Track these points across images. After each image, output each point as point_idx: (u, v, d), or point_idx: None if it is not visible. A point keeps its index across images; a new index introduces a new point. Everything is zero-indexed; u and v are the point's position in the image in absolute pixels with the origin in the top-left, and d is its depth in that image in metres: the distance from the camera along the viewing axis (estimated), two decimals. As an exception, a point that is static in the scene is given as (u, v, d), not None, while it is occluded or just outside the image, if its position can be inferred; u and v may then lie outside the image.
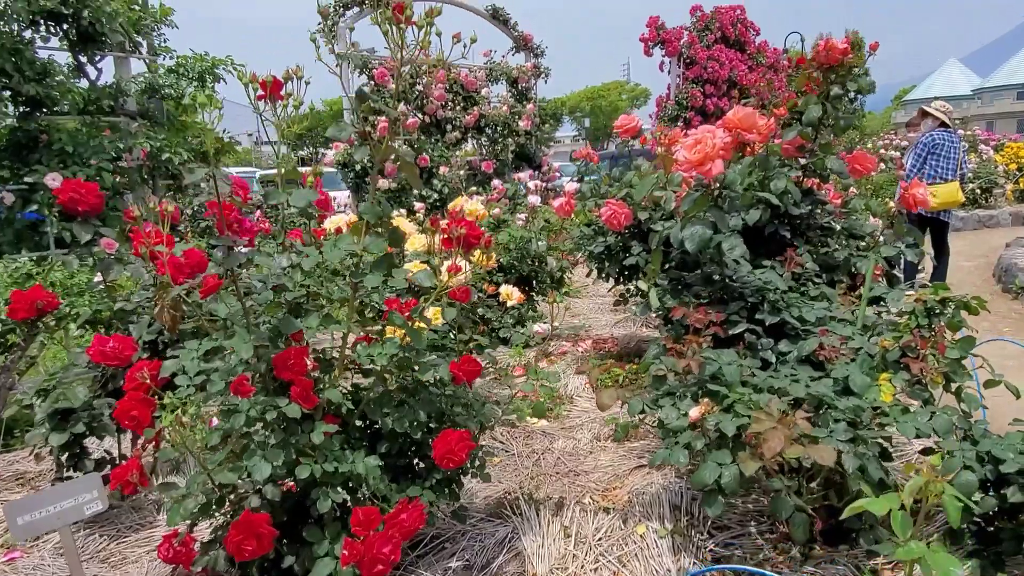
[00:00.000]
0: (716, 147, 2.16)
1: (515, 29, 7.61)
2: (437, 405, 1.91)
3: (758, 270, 2.60)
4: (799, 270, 3.20)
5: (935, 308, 2.12)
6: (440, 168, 6.23)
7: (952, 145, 5.96)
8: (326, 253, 1.70)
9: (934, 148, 5.94)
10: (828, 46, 3.06)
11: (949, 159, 5.92)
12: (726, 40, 9.62)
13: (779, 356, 2.30)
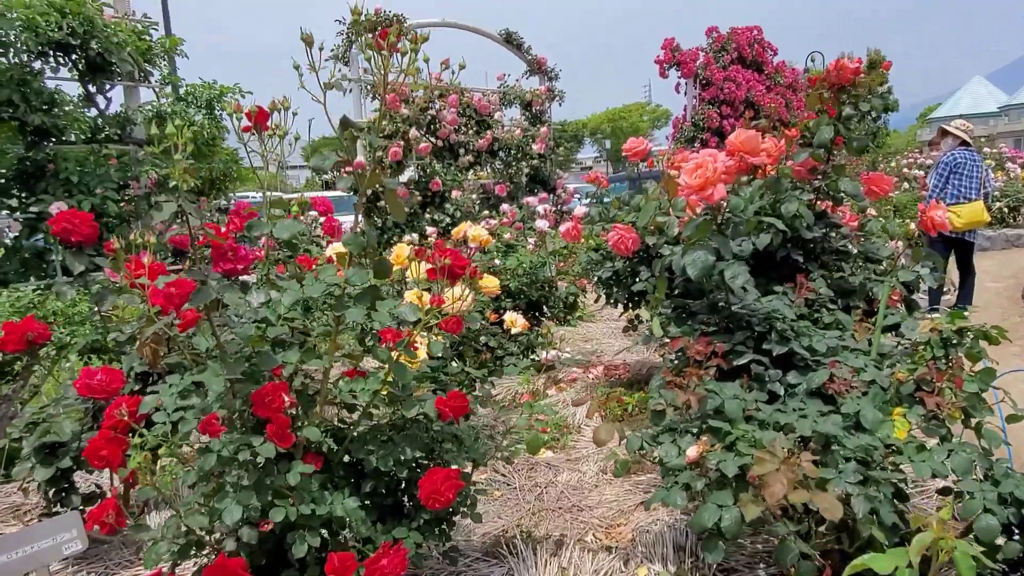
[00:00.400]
0: (718, 171, 2.09)
1: (529, 53, 7.61)
2: (425, 441, 1.83)
3: (766, 297, 2.50)
4: (812, 296, 3.10)
5: (952, 338, 2.01)
6: (452, 192, 6.20)
7: (974, 164, 5.85)
8: (307, 287, 1.64)
9: (956, 167, 5.84)
10: (839, 66, 2.98)
11: (972, 178, 5.81)
12: (743, 61, 9.55)
13: (788, 388, 2.20)
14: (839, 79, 2.98)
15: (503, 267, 4.26)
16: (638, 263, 3.57)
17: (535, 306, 4.53)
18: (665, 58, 8.95)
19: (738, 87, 8.91)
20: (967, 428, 1.96)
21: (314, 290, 1.64)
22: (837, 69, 2.98)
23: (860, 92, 3.03)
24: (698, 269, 2.15)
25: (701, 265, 2.15)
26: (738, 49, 9.63)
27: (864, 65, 8.90)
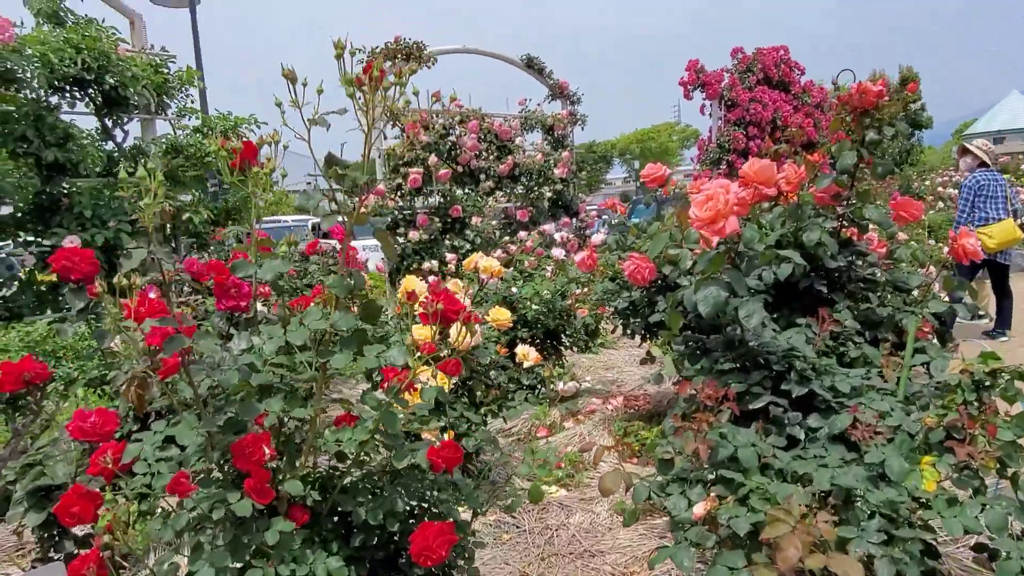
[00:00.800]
0: (729, 203, 1.98)
1: (550, 77, 7.57)
2: (419, 491, 1.74)
3: (786, 332, 2.37)
4: (837, 329, 2.95)
5: (984, 380, 1.87)
6: (472, 218, 6.15)
7: (997, 183, 5.77)
8: (290, 333, 1.57)
9: (980, 189, 5.76)
10: (862, 89, 2.86)
11: (997, 198, 5.72)
12: (769, 81, 9.41)
13: (808, 433, 2.07)
14: (862, 103, 2.86)
15: (520, 296, 4.18)
16: (655, 293, 3.46)
17: (553, 335, 4.42)
18: (690, 79, 8.85)
19: (764, 108, 8.75)
20: (1003, 478, 1.81)
21: (297, 336, 1.57)
22: (860, 92, 2.86)
23: (884, 116, 2.90)
24: (710, 306, 2.04)
25: (713, 302, 2.04)
26: (764, 70, 9.48)
27: (896, 82, 8.85)
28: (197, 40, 11.63)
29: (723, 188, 2.04)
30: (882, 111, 2.90)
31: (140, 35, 3.89)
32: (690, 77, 8.83)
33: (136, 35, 3.90)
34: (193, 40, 11.62)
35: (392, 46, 6.00)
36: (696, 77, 8.84)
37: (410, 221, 5.94)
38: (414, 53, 6.11)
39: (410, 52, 6.09)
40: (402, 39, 6.04)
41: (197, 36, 11.65)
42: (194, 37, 11.62)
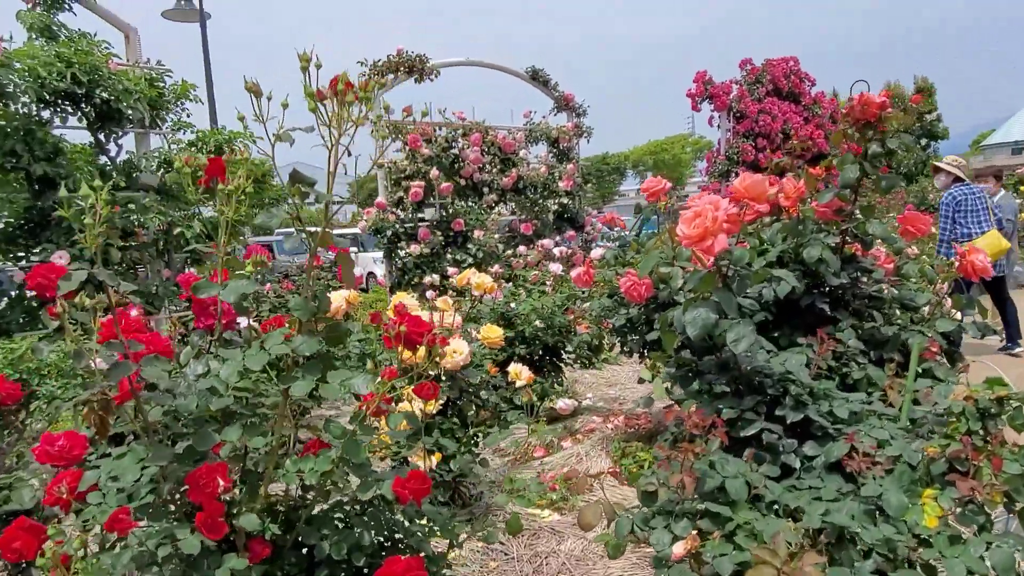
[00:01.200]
0: (718, 221, 1.89)
1: (555, 89, 7.51)
2: (387, 524, 1.66)
3: (782, 354, 2.27)
4: (840, 348, 2.85)
5: (990, 408, 1.76)
6: (475, 232, 6.08)
7: (975, 196, 5.75)
8: (249, 357, 1.49)
9: (958, 205, 5.76)
10: (864, 100, 2.77)
11: (977, 211, 5.70)
12: (779, 92, 9.30)
13: (805, 461, 1.97)
14: (864, 115, 2.77)
15: (517, 312, 4.09)
16: (653, 310, 3.36)
17: (552, 351, 4.33)
18: (697, 91, 8.76)
19: (774, 119, 8.63)
20: (1011, 513, 1.70)
21: (255, 361, 1.49)
22: (862, 104, 2.76)
23: (888, 128, 2.80)
24: (698, 328, 1.95)
25: (701, 324, 1.95)
26: (773, 81, 9.38)
27: (911, 92, 8.64)
28: (207, 53, 11.71)
29: (712, 205, 1.95)
30: (886, 123, 2.81)
31: (135, 49, 3.87)
32: (698, 89, 8.75)
33: (131, 49, 3.88)
34: (203, 53, 11.70)
35: (394, 59, 5.96)
36: (704, 89, 8.76)
37: (411, 235, 5.89)
38: (416, 66, 6.07)
39: (412, 65, 6.05)
40: (404, 52, 6.00)
41: (207, 49, 11.74)
42: (204, 50, 11.71)
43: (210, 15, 12.02)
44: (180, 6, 11.78)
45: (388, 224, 5.79)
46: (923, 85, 29.26)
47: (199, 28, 11.65)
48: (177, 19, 11.86)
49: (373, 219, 5.81)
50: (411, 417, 1.68)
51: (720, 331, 1.96)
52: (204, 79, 11.69)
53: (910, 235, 3.37)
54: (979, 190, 5.83)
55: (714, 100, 8.79)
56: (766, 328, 3.04)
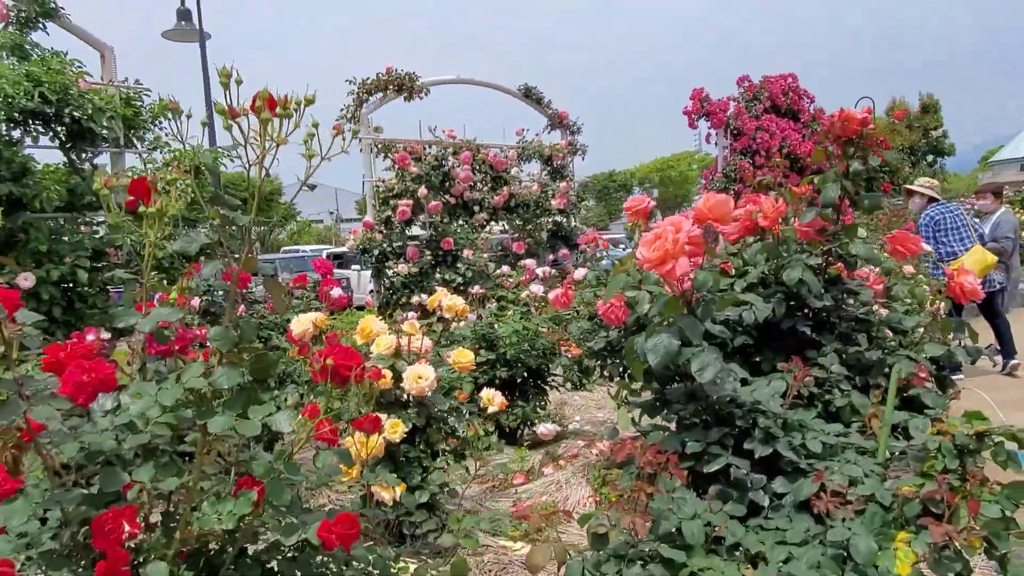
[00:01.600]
0: (679, 243, 1.79)
1: (549, 107, 7.45)
2: (318, 570, 1.55)
3: (757, 381, 2.16)
4: (822, 374, 2.73)
5: (968, 444, 1.64)
6: (464, 251, 6.00)
7: (953, 214, 5.68)
8: (162, 392, 1.40)
9: (937, 225, 5.70)
10: (844, 116, 2.67)
11: (957, 228, 5.62)
12: (777, 109, 9.23)
13: (774, 499, 1.84)
14: (844, 131, 2.67)
15: (499, 334, 3.99)
16: (633, 333, 3.25)
17: (536, 374, 4.22)
18: (693, 108, 8.69)
19: (772, 137, 8.54)
20: (991, 559, 1.58)
21: (168, 396, 1.39)
22: (842, 120, 2.67)
23: (870, 145, 2.70)
24: (660, 356, 1.84)
25: (664, 351, 1.84)
26: (771, 98, 9.31)
27: (917, 109, 8.48)
28: (206, 72, 11.74)
29: (673, 226, 1.85)
30: (868, 140, 2.71)
31: (110, 68, 3.82)
32: (694, 106, 8.68)
33: (106, 68, 3.84)
34: (203, 72, 11.73)
35: (383, 77, 5.91)
36: (700, 106, 8.69)
37: (400, 254, 5.81)
38: (405, 84, 6.02)
39: (401, 83, 6.00)
40: (393, 70, 5.95)
41: (207, 68, 11.77)
42: (203, 69, 11.74)
43: (210, 35, 12.06)
44: (180, 27, 11.83)
45: (375, 243, 5.70)
46: (928, 102, 29.13)
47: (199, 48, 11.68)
48: (177, 39, 11.92)
49: (360, 238, 5.74)
50: (344, 455, 1.57)
51: (684, 359, 1.85)
52: (204, 98, 11.73)
53: (900, 255, 3.26)
54: (955, 208, 5.79)
55: (711, 117, 8.72)
56: (748, 352, 2.94)
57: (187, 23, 11.85)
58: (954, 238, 5.63)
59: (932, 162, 28.50)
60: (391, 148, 5.98)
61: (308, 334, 3.09)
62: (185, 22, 11.85)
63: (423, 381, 2.64)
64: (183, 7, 11.80)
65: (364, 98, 5.88)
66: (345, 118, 5.85)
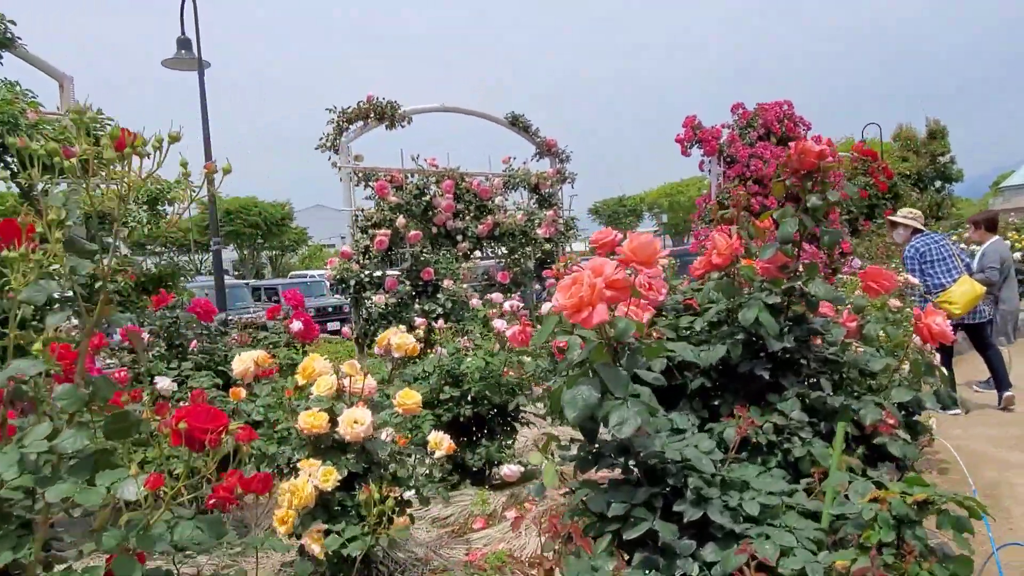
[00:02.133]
0: (596, 289, 1.66)
1: (537, 135, 7.37)
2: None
3: (696, 436, 2.01)
4: (782, 421, 2.59)
5: (908, 515, 1.48)
6: (444, 281, 5.88)
7: (938, 245, 5.53)
8: None
9: (923, 256, 5.52)
10: (800, 149, 2.55)
11: (944, 259, 5.47)
12: (772, 136, 9.12)
13: (704, 568, 1.69)
14: (801, 164, 2.55)
15: (463, 370, 3.85)
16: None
17: (503, 411, 4.07)
18: (686, 136, 8.60)
19: (766, 164, 8.42)
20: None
21: (5, 460, 1.27)
22: (799, 153, 2.55)
23: (828, 178, 2.58)
24: (577, 409, 1.70)
25: (582, 404, 1.70)
26: (765, 125, 9.20)
27: (924, 135, 8.27)
28: (204, 101, 11.79)
29: (593, 270, 1.72)
30: (826, 173, 2.58)
31: (68, 97, 3.76)
32: (686, 134, 8.59)
33: (65, 97, 3.77)
34: (200, 101, 11.78)
35: (364, 106, 5.85)
36: (692, 133, 8.59)
37: (378, 284, 5.69)
38: (387, 112, 5.95)
39: (383, 111, 5.94)
40: (374, 98, 5.89)
41: (204, 97, 11.81)
42: (201, 98, 11.78)
43: (209, 64, 12.14)
44: (180, 55, 11.90)
45: (352, 273, 5.60)
46: (935, 127, 28.93)
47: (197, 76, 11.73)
48: (176, 68, 11.99)
49: (336, 268, 5.64)
50: (213, 523, 1.43)
51: (605, 412, 1.71)
52: (201, 126, 11.76)
53: (873, 292, 3.12)
54: (941, 238, 5.62)
55: (704, 144, 8.62)
56: (707, 394, 2.79)
57: (187, 52, 11.92)
58: (941, 269, 5.46)
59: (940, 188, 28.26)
60: (372, 177, 5.90)
61: (249, 373, 2.97)
62: (185, 51, 11.93)
63: (358, 426, 2.51)
64: (183, 36, 11.89)
65: (344, 127, 5.82)
66: (324, 147, 5.78)
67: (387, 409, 2.80)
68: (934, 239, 5.54)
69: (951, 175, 28.48)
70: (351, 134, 5.89)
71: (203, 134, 11.73)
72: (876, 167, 12.68)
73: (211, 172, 1.43)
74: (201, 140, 11.71)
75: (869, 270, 3.17)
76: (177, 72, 11.94)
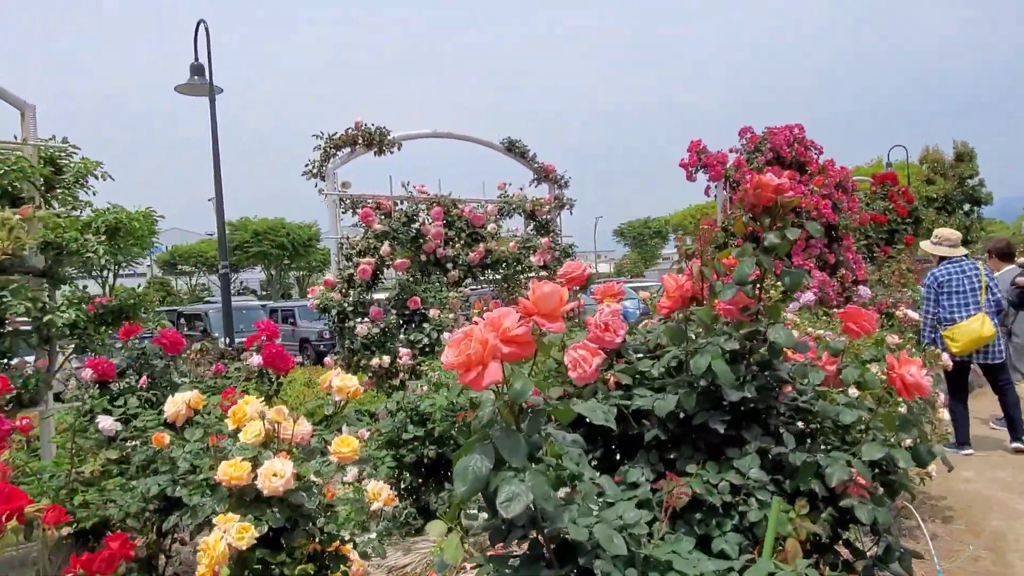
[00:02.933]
0: (489, 345, 1.48)
1: (534, 161, 7.22)
2: None
3: (609, 509, 1.80)
4: (739, 480, 2.38)
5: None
6: (431, 311, 5.72)
7: (963, 275, 5.25)
8: None
9: (941, 287, 5.21)
10: (756, 183, 2.36)
11: (963, 292, 5.20)
12: (781, 161, 8.87)
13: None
14: (758, 199, 2.36)
15: (424, 409, 3.68)
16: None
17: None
18: (691, 161, 8.38)
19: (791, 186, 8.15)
20: None
21: None
22: (755, 188, 2.35)
23: (786, 215, 2.38)
24: (467, 483, 1.51)
25: (472, 476, 1.51)
26: (774, 149, 8.95)
27: (951, 158, 7.92)
28: (215, 126, 11.87)
29: (491, 322, 1.54)
30: (784, 209, 2.38)
31: (29, 126, 3.70)
32: (691, 159, 8.37)
33: (26, 126, 3.71)
34: (211, 126, 11.87)
35: (352, 131, 5.76)
36: (697, 158, 8.38)
37: (363, 313, 5.55)
38: (375, 139, 5.85)
39: (371, 138, 5.84)
40: (363, 124, 5.80)
41: (215, 123, 11.90)
42: (212, 124, 11.88)
43: (221, 90, 12.26)
44: (192, 81, 12.05)
45: (333, 303, 5.47)
46: (963, 150, 28.29)
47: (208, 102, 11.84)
48: (188, 93, 12.13)
49: (318, 296, 5.51)
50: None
51: (495, 485, 1.52)
52: (212, 153, 11.84)
53: (853, 333, 2.91)
54: (971, 267, 5.28)
55: (709, 169, 8.41)
56: (664, 447, 2.58)
57: (200, 78, 12.06)
58: (957, 302, 5.17)
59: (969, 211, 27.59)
60: (360, 203, 5.79)
61: (181, 417, 2.82)
62: (198, 77, 12.07)
63: (277, 480, 2.33)
64: (196, 62, 12.04)
65: (332, 152, 5.72)
66: (310, 173, 5.68)
67: (322, 457, 2.63)
68: (962, 268, 5.22)
69: (980, 198, 27.83)
70: (338, 160, 5.79)
71: (213, 162, 11.82)
72: (896, 191, 12.33)
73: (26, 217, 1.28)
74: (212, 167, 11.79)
75: (849, 310, 2.95)
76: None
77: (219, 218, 11.86)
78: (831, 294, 7.78)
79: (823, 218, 8.55)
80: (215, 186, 11.79)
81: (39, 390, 3.40)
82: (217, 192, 11.74)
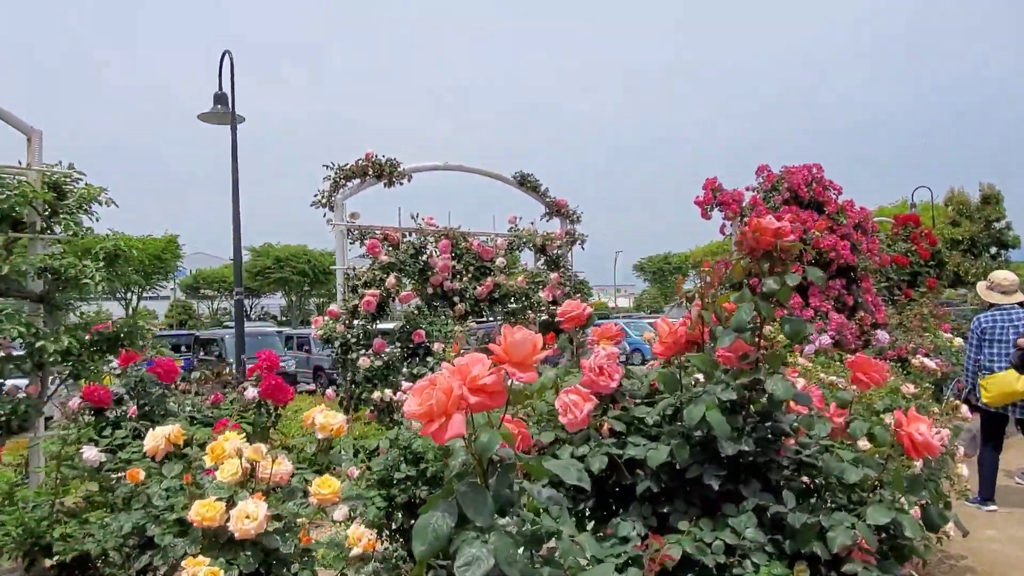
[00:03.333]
0: (452, 396, 1.39)
1: (547, 195, 7.18)
2: None
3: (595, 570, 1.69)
4: (734, 540, 2.25)
5: None
6: (435, 344, 5.64)
7: (1010, 324, 5.00)
8: None
9: (984, 333, 5.00)
10: (755, 227, 2.27)
11: (1004, 342, 4.96)
12: (799, 201, 8.75)
13: None
14: (758, 243, 2.26)
15: (418, 447, 3.56)
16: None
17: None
18: (706, 199, 8.31)
19: (793, 229, 8.02)
20: None
21: None
22: (754, 231, 2.26)
23: (786, 259, 2.28)
24: (426, 544, 1.40)
25: (432, 536, 1.41)
26: (792, 189, 8.84)
27: (978, 200, 7.75)
28: (236, 155, 12.00)
29: (459, 370, 1.45)
30: (784, 254, 2.28)
31: (35, 152, 3.72)
32: (706, 196, 8.30)
33: (32, 152, 3.73)
34: (232, 153, 11.99)
35: (362, 163, 5.76)
36: (712, 196, 8.30)
37: (367, 345, 5.48)
38: (386, 170, 5.84)
39: (381, 169, 5.83)
40: (373, 156, 5.80)
41: (236, 152, 12.03)
42: (233, 152, 12.00)
43: (243, 119, 12.44)
44: (216, 110, 12.23)
45: (336, 334, 5.41)
46: (989, 192, 27.98)
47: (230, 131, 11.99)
48: (212, 122, 12.31)
49: (322, 327, 5.46)
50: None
51: (455, 547, 1.41)
52: (231, 182, 11.92)
53: (863, 384, 2.79)
54: (1019, 316, 5.04)
55: (724, 208, 8.31)
56: (657, 500, 2.45)
57: (223, 106, 12.24)
58: (996, 351, 4.96)
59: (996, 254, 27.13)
60: (368, 234, 5.76)
61: (160, 451, 2.75)
62: (221, 105, 12.26)
63: (250, 522, 2.24)
64: (220, 91, 12.23)
65: (341, 183, 5.72)
66: (319, 203, 5.67)
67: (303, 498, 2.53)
68: (1009, 316, 5.01)
69: (1007, 241, 27.36)
70: (347, 191, 5.78)
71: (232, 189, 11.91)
72: (918, 233, 12.12)
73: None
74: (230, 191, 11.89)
75: (858, 359, 2.82)
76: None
77: (236, 244, 11.93)
78: (849, 337, 7.58)
79: (841, 259, 8.40)
80: (232, 213, 11.87)
81: (28, 416, 3.35)
82: (235, 219, 11.82)
